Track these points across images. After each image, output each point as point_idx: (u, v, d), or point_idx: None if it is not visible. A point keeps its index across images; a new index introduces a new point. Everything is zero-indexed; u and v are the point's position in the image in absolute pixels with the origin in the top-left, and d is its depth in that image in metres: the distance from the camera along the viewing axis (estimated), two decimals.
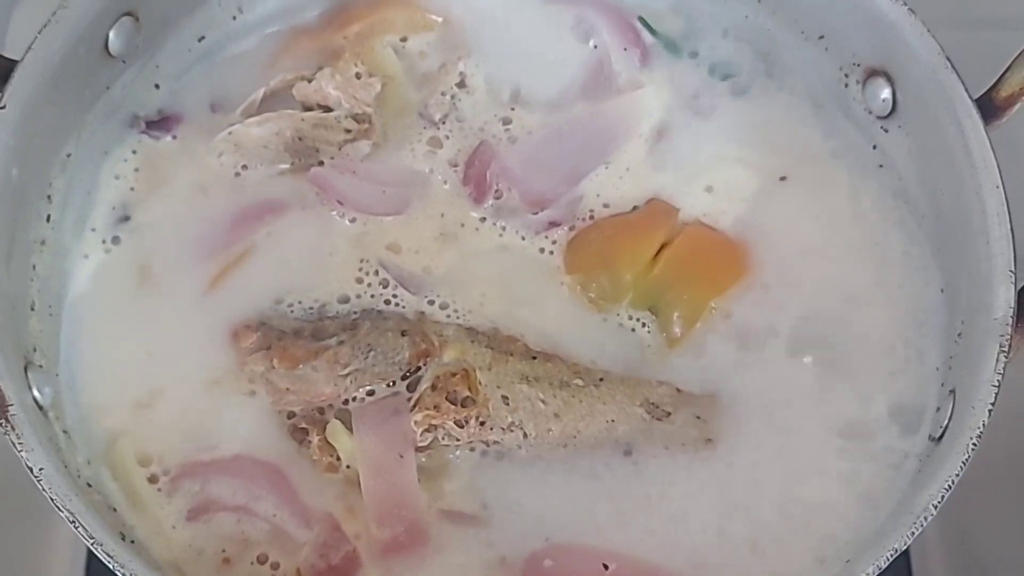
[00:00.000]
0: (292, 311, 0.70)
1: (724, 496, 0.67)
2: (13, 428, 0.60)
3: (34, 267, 0.69)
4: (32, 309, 0.68)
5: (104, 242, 0.71)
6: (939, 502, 0.60)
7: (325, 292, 0.71)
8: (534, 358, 0.68)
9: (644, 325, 0.70)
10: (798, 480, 0.67)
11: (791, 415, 0.69)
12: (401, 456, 0.65)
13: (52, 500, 0.59)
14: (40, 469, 0.59)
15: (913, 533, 0.60)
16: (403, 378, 0.67)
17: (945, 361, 0.68)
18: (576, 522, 0.66)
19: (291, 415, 0.67)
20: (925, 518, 0.60)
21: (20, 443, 0.60)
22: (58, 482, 0.60)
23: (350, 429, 0.66)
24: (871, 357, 0.70)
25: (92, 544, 0.58)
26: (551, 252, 0.72)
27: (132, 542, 0.64)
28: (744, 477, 0.67)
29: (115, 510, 0.65)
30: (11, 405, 0.60)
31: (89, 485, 0.65)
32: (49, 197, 0.70)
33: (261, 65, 0.77)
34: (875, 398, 0.69)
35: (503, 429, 0.66)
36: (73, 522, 0.59)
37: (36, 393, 0.65)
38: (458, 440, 0.66)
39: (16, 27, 0.98)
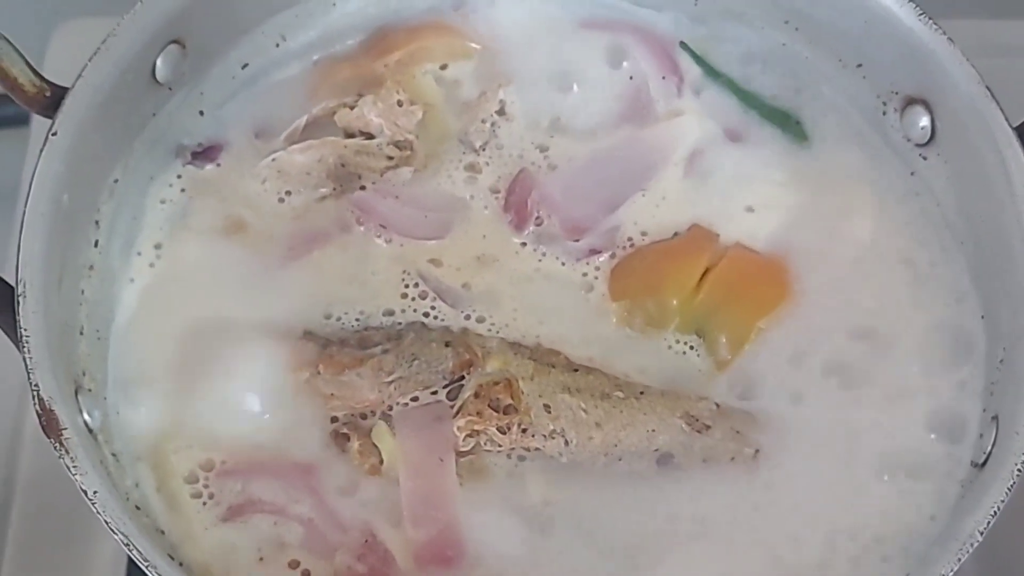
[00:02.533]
0: (341, 323, 0.71)
1: (763, 517, 0.67)
2: (67, 452, 0.60)
3: (82, 292, 0.69)
4: (81, 333, 0.68)
5: (152, 265, 0.72)
6: (985, 528, 0.61)
7: (371, 306, 0.71)
8: (575, 370, 0.69)
9: (692, 348, 0.71)
10: (838, 504, 0.67)
11: (831, 438, 0.69)
12: (441, 460, 0.65)
13: (107, 523, 0.59)
14: (94, 492, 0.60)
15: (960, 559, 0.60)
16: (445, 387, 0.68)
17: (986, 387, 0.68)
18: (620, 540, 0.66)
19: (333, 420, 0.68)
20: (972, 544, 0.60)
21: (74, 467, 0.60)
22: (111, 505, 0.60)
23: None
24: (911, 382, 0.70)
25: (147, 567, 0.59)
26: (595, 278, 0.73)
27: (181, 564, 0.64)
28: (783, 500, 0.67)
29: (163, 532, 0.66)
30: (65, 429, 0.61)
31: (137, 508, 0.66)
32: (97, 223, 0.71)
33: (303, 92, 0.78)
34: (915, 423, 0.69)
35: (545, 436, 0.67)
36: (127, 544, 0.59)
37: (86, 417, 0.65)
38: (500, 446, 0.67)
39: (53, 53, 0.99)
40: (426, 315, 0.71)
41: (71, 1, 1.05)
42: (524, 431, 0.66)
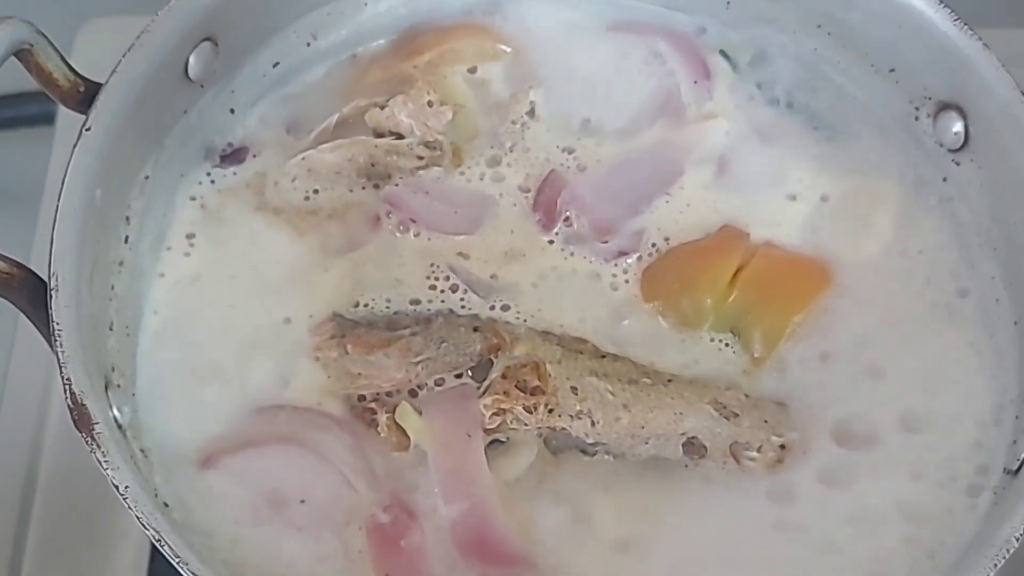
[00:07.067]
0: (370, 309, 0.71)
1: (781, 517, 0.67)
2: (99, 446, 0.60)
3: (112, 287, 0.69)
4: (111, 329, 0.68)
5: (187, 255, 0.72)
6: (1021, 534, 0.60)
7: (398, 296, 0.72)
8: (603, 357, 0.69)
9: (728, 345, 0.71)
10: (863, 506, 0.67)
11: (860, 441, 0.68)
12: (469, 435, 0.66)
13: (138, 519, 0.59)
14: (126, 488, 0.60)
15: (996, 565, 0.60)
16: (472, 371, 0.68)
17: (1020, 394, 0.68)
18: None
19: (360, 398, 0.69)
20: (1007, 550, 0.60)
21: (106, 461, 0.60)
22: (143, 501, 0.60)
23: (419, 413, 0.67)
24: (942, 387, 0.70)
25: (178, 563, 0.58)
26: (625, 280, 0.73)
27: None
28: (805, 501, 0.67)
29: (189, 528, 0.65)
30: (97, 423, 0.61)
31: (166, 504, 0.65)
32: (128, 219, 0.71)
33: (333, 92, 0.78)
34: (946, 429, 0.69)
35: (571, 417, 0.67)
36: (159, 540, 0.59)
37: (116, 412, 0.65)
38: (526, 425, 0.66)
39: (78, 52, 0.99)
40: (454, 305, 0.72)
41: (96, 0, 1.05)
42: (551, 411, 0.66)
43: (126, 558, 0.84)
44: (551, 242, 0.74)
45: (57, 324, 0.62)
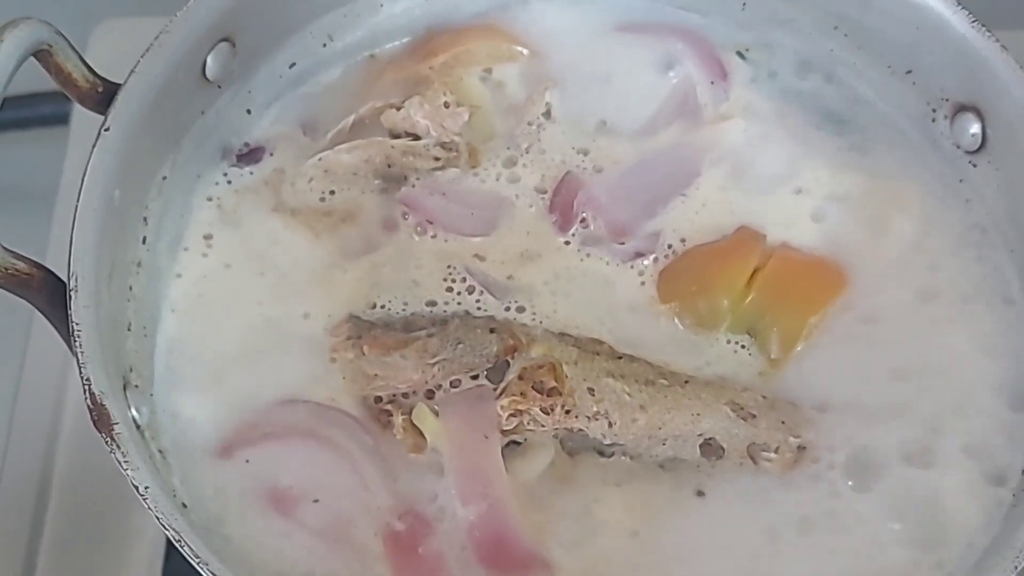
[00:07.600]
0: (387, 310, 0.71)
1: (796, 518, 0.67)
2: (119, 447, 0.60)
3: (130, 288, 0.69)
4: (128, 330, 0.68)
5: (205, 255, 0.73)
6: None
7: (415, 298, 0.72)
8: (620, 358, 0.70)
9: (744, 347, 0.71)
10: (880, 506, 0.67)
11: (877, 441, 0.68)
12: (486, 437, 0.66)
13: (158, 519, 0.59)
14: (146, 488, 0.60)
15: (1016, 567, 0.60)
16: (488, 372, 0.68)
17: None
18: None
19: (377, 400, 0.69)
20: None
21: (126, 461, 0.60)
22: (163, 501, 0.60)
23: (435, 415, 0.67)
24: (959, 388, 0.70)
25: (198, 563, 0.58)
26: (641, 283, 0.73)
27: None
28: (820, 501, 0.67)
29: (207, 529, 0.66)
30: (116, 424, 0.61)
31: (184, 505, 0.65)
32: (145, 219, 0.71)
33: (349, 92, 0.78)
34: (964, 430, 0.69)
35: (588, 418, 0.67)
36: (179, 541, 0.59)
37: (134, 413, 0.65)
38: (543, 426, 0.66)
39: (92, 50, 0.99)
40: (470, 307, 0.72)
41: (108, 2, 1.05)
42: (567, 412, 0.66)
43: (140, 558, 0.83)
44: (567, 243, 0.74)
45: (76, 324, 0.62)
